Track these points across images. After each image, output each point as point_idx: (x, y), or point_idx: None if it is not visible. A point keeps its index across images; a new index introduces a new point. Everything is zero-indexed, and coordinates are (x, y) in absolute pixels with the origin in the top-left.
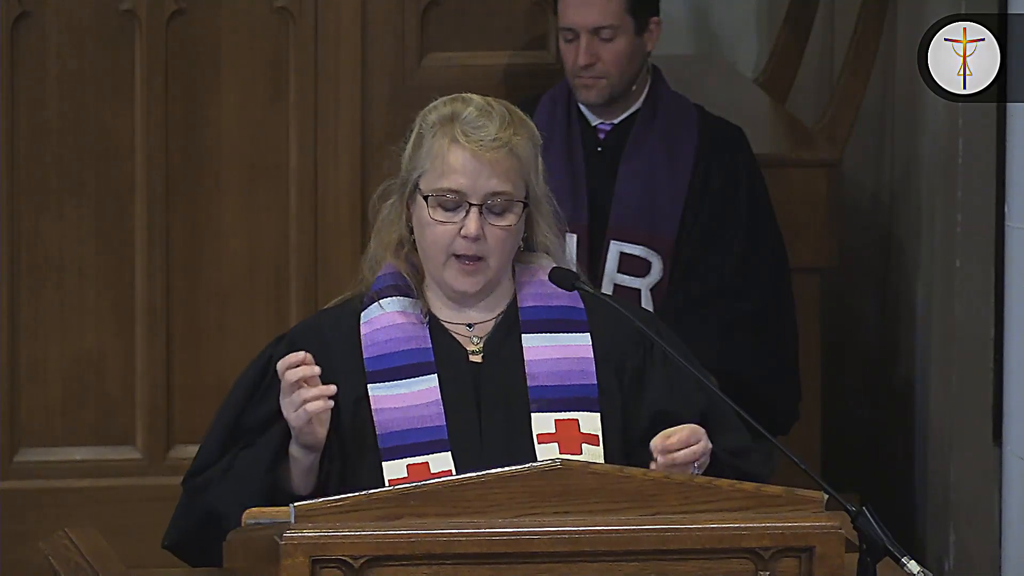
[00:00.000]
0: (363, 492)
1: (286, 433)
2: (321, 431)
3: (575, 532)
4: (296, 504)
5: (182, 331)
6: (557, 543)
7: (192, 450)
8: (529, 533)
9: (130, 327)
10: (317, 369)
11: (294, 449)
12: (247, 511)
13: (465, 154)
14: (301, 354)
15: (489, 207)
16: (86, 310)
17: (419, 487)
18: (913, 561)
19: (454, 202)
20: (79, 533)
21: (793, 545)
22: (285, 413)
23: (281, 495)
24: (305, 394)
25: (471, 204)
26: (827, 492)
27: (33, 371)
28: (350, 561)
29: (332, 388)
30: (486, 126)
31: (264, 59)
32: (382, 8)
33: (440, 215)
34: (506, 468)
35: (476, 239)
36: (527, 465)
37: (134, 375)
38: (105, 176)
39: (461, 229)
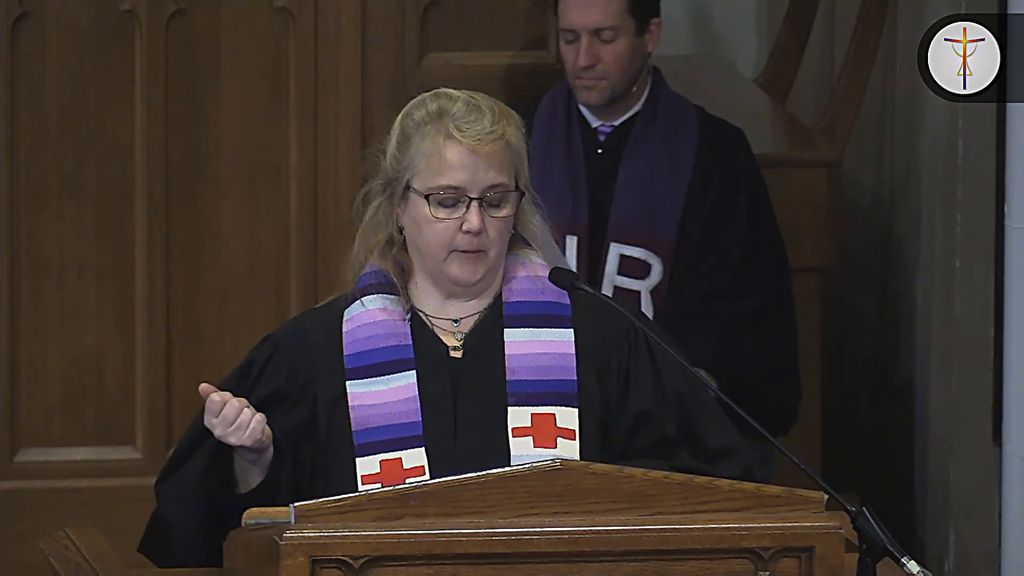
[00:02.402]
0: (363, 492)
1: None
2: (268, 431)
3: (575, 532)
4: (296, 504)
5: (182, 331)
6: (557, 543)
7: None
8: (529, 533)
9: (130, 327)
10: (235, 406)
11: (248, 457)
12: (247, 511)
13: (462, 149)
14: (217, 399)
15: (488, 200)
16: (86, 310)
17: (419, 487)
18: (913, 561)
19: (453, 198)
20: (79, 533)
21: (793, 545)
22: (229, 437)
23: (226, 499)
24: (244, 419)
25: (471, 198)
26: (827, 492)
27: (33, 371)
28: (350, 561)
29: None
30: (479, 120)
31: (264, 59)
32: (382, 8)
33: (441, 212)
34: (506, 468)
35: (479, 233)
36: (527, 465)
37: (134, 375)
38: (105, 176)
39: (462, 224)
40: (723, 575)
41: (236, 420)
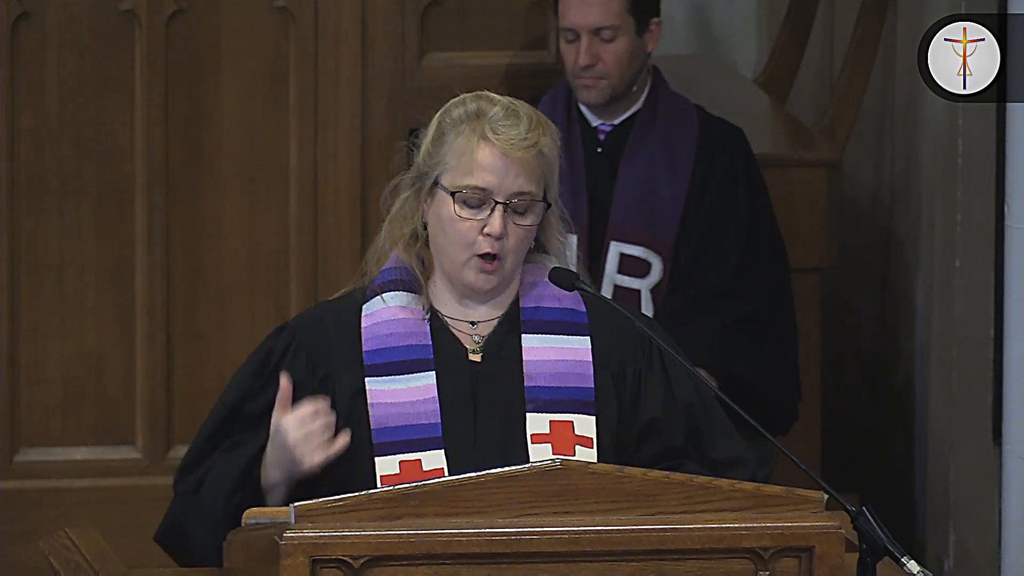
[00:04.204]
0: (363, 492)
1: (253, 457)
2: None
3: (575, 532)
4: (296, 504)
5: (182, 331)
6: (557, 543)
7: None
8: (529, 533)
9: (130, 327)
10: (332, 417)
11: (276, 476)
12: (247, 511)
13: (494, 152)
14: (312, 410)
15: (513, 206)
16: (86, 310)
17: (419, 487)
18: (913, 561)
19: (479, 199)
20: (79, 533)
21: (793, 545)
22: (299, 447)
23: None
24: (327, 435)
25: (496, 202)
26: (827, 492)
27: (33, 371)
28: (350, 561)
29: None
30: (515, 125)
31: (264, 59)
32: (382, 8)
33: (465, 212)
34: (506, 468)
35: (500, 237)
36: (527, 465)
37: (134, 375)
38: (105, 176)
39: (484, 227)
40: (723, 575)
41: (315, 437)
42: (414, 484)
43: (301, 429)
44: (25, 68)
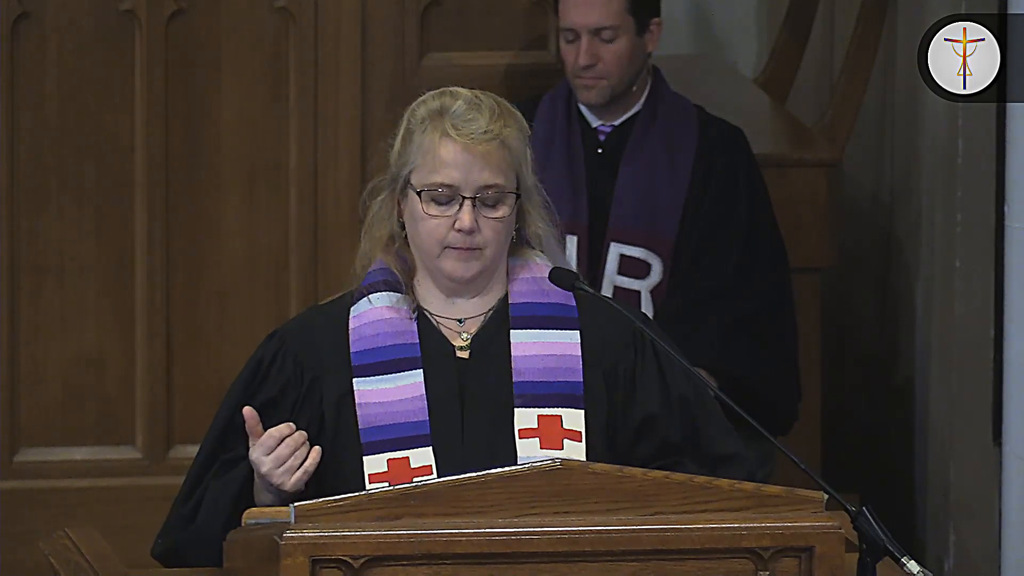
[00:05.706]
0: (363, 492)
1: (246, 479)
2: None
3: (575, 532)
4: (296, 504)
5: (182, 331)
6: (557, 543)
7: (192, 450)
8: (529, 533)
9: (130, 327)
10: (304, 434)
11: (268, 499)
12: (247, 511)
13: (456, 148)
14: (290, 426)
15: (482, 199)
16: (86, 310)
17: (419, 487)
18: (913, 561)
19: (447, 196)
20: (79, 533)
21: (793, 545)
22: (276, 477)
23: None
24: (300, 455)
25: (464, 197)
26: (827, 492)
27: (33, 371)
28: (350, 561)
29: (304, 435)
30: (476, 119)
31: (264, 59)
32: (382, 8)
33: (434, 209)
34: (506, 468)
35: (471, 232)
36: (527, 465)
37: (134, 375)
38: (105, 176)
39: (455, 222)
40: (723, 575)
41: (287, 461)
42: (414, 484)
43: (269, 456)
44: (25, 68)
